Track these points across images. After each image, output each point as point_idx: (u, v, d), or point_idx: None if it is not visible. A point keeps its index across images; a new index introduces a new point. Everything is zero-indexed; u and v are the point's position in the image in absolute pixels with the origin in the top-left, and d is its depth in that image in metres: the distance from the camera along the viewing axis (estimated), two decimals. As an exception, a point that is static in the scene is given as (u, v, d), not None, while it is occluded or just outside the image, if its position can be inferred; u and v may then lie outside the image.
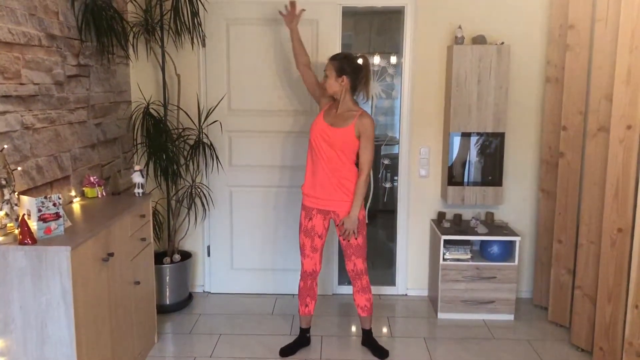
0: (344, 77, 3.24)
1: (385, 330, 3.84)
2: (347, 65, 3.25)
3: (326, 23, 4.09)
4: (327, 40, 4.09)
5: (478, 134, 3.97)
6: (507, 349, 3.58)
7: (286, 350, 3.49)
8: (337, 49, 4.06)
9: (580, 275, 3.49)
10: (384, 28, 6.91)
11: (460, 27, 3.93)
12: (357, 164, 3.32)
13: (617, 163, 3.05)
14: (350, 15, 4.11)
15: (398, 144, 6.68)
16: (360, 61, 3.32)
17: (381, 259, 5.01)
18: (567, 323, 3.80)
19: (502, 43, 3.89)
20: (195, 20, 3.86)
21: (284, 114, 4.20)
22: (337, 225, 3.32)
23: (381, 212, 6.29)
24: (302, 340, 3.57)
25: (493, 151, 4.01)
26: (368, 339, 3.55)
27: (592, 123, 3.33)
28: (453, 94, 3.91)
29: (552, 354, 3.52)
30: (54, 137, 3.00)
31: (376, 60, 5.76)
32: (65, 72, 3.13)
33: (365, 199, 3.40)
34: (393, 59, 7.09)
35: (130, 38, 3.84)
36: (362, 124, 3.22)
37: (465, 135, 3.98)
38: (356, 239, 3.31)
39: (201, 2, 3.91)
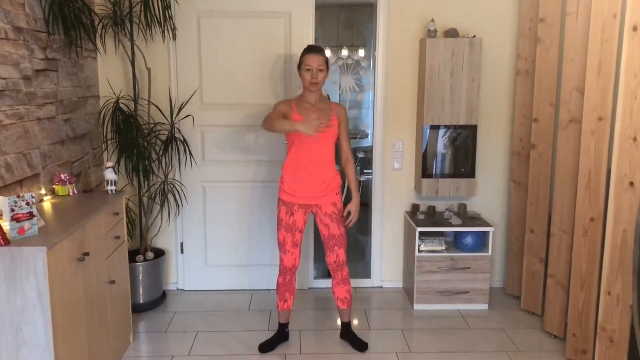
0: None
1: (362, 322, 3.85)
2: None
3: (299, 16, 4.05)
4: (300, 33, 4.06)
5: (451, 126, 4.01)
6: (483, 338, 3.64)
7: (265, 346, 3.47)
8: (311, 42, 4.03)
9: (552, 263, 3.57)
10: (350, 21, 6.91)
11: (432, 21, 3.95)
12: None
13: (589, 154, 3.12)
14: (316, 8, 4.09)
15: (367, 137, 6.71)
16: None
17: (356, 251, 5.02)
18: (539, 311, 3.89)
19: (474, 36, 3.93)
20: (167, 12, 3.78)
21: (257, 107, 4.15)
22: (343, 216, 3.39)
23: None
24: (281, 335, 3.55)
25: (465, 143, 4.06)
26: (347, 332, 3.56)
27: (563, 114, 3.40)
28: (426, 87, 3.94)
29: (526, 341, 3.60)
30: (22, 133, 2.90)
31: (344, 53, 5.74)
32: (33, 67, 3.02)
33: (342, 190, 3.44)
34: (361, 52, 7.09)
35: (99, 30, 3.73)
36: (341, 113, 3.36)
37: (438, 128, 4.01)
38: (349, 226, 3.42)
39: (172, -6, 3.84)
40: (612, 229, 2.93)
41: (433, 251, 4.00)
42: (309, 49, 3.30)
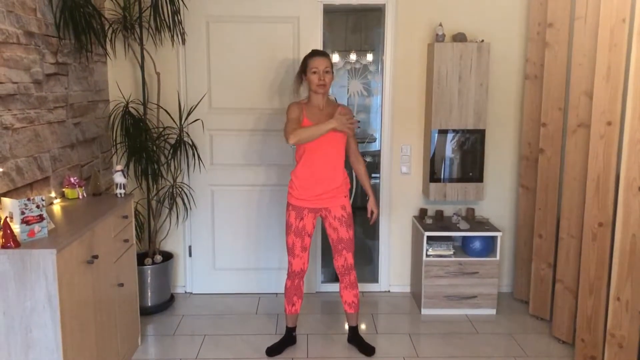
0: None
1: (369, 327, 3.85)
2: None
3: (307, 21, 4.07)
4: (308, 38, 4.08)
5: (459, 131, 4.00)
6: (491, 343, 3.63)
7: (273, 350, 3.47)
8: (319, 47, 4.05)
9: (561, 269, 3.55)
10: (359, 26, 6.93)
11: (440, 25, 3.95)
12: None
13: (597, 159, 3.11)
14: (325, 13, 4.11)
15: (375, 141, 6.72)
16: None
17: (363, 256, 5.02)
18: (547, 316, 3.87)
19: (482, 41, 3.93)
20: (176, 17, 3.80)
21: (265, 112, 4.18)
22: (368, 217, 3.56)
23: (363, 209, 6.30)
24: (289, 339, 3.55)
25: (473, 148, 4.05)
26: (354, 336, 3.56)
27: (571, 119, 3.39)
28: (434, 91, 3.94)
29: (534, 347, 3.58)
30: (33, 137, 2.93)
31: (352, 57, 5.74)
32: (43, 71, 3.06)
33: (350, 193, 3.47)
34: (369, 57, 7.09)
35: (109, 35, 3.77)
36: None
37: (446, 132, 4.01)
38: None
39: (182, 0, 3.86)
40: (621, 234, 2.91)
41: (441, 256, 3.99)
42: (314, 53, 3.35)
